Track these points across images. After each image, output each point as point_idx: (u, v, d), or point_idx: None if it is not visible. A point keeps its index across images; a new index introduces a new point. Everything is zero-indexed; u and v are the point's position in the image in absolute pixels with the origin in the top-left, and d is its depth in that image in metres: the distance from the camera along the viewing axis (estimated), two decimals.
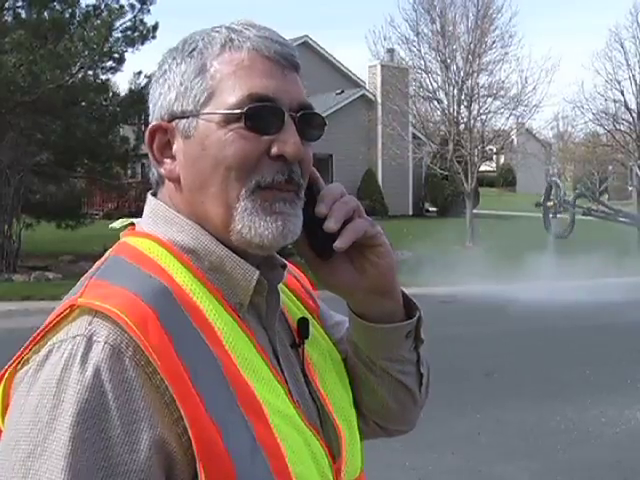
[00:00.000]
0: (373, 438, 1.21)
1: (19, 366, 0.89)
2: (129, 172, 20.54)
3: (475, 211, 25.14)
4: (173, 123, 0.98)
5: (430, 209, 32.77)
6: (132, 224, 1.04)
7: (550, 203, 18.38)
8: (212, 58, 0.97)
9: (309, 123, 0.98)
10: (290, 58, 0.98)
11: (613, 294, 13.27)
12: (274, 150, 0.95)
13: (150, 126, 1.00)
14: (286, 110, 0.96)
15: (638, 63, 30.13)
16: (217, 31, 0.99)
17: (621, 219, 20.58)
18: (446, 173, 25.84)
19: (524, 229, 20.79)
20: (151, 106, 1.02)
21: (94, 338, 0.84)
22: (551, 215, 18.60)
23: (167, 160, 0.99)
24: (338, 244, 0.99)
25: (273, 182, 0.95)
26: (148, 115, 1.03)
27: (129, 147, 17.57)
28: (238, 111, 0.94)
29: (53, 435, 0.81)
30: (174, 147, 0.99)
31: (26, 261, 16.63)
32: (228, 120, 0.94)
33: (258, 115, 0.94)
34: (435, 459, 5.44)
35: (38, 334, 0.89)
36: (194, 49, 0.98)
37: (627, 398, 7.02)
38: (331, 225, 0.99)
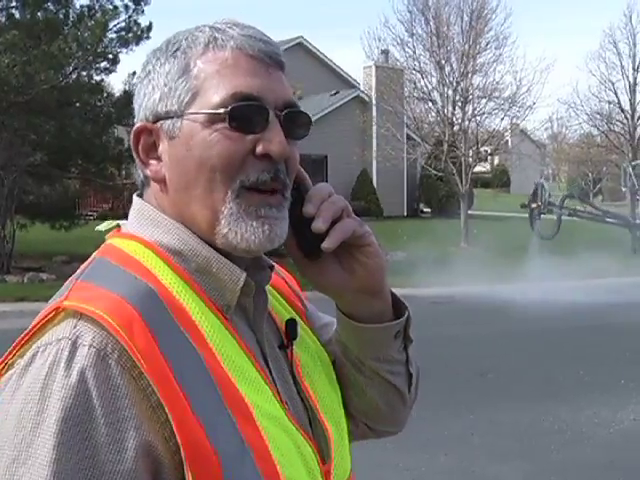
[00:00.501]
0: (362, 439, 1.20)
1: (3, 370, 0.88)
2: (123, 173, 20.50)
3: (470, 212, 25.17)
4: (158, 124, 0.98)
5: (425, 210, 32.81)
6: (118, 226, 1.03)
7: (534, 205, 18.50)
8: (196, 58, 0.96)
9: (294, 121, 0.98)
10: (275, 56, 0.98)
11: (608, 294, 13.30)
12: (259, 149, 0.94)
13: (135, 127, 0.99)
14: (271, 109, 0.95)
15: (632, 64, 30.28)
16: (201, 30, 0.98)
17: (609, 220, 20.63)
18: (441, 174, 25.86)
19: (518, 230, 20.81)
20: (136, 107, 1.01)
21: (79, 341, 0.84)
22: (535, 216, 18.71)
23: (152, 161, 0.99)
24: (326, 244, 0.99)
25: (257, 181, 0.94)
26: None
27: (123, 148, 17.52)
28: (222, 110, 0.93)
29: (38, 441, 0.80)
30: (159, 148, 0.98)
31: (20, 262, 16.59)
32: (212, 120, 0.94)
33: (242, 114, 0.93)
34: (428, 459, 5.43)
35: (23, 338, 0.88)
36: (178, 49, 0.98)
37: (621, 398, 7.03)
38: (319, 225, 0.98)
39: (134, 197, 1.03)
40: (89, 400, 0.81)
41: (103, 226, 1.04)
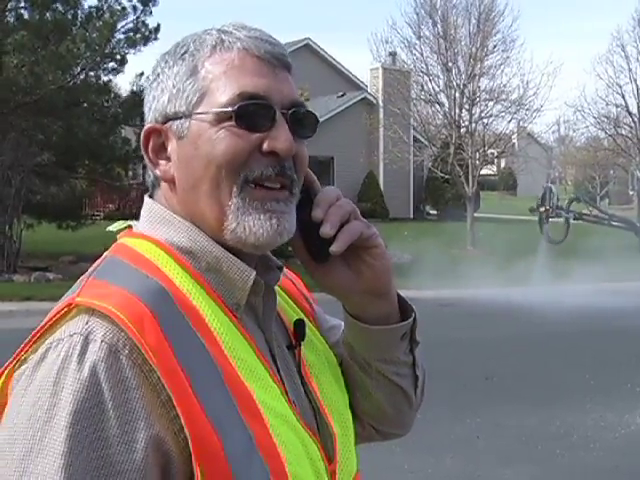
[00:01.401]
0: (369, 441, 1.21)
1: (17, 365, 0.89)
2: (130, 173, 20.56)
3: (476, 215, 25.16)
4: (167, 125, 0.99)
5: (431, 212, 32.78)
6: (130, 226, 1.04)
7: (542, 209, 18.53)
8: (203, 59, 0.98)
9: (301, 120, 0.99)
10: (281, 57, 0.99)
11: (614, 298, 13.27)
12: (265, 146, 0.95)
13: (145, 129, 1.01)
14: (277, 108, 0.96)
15: None
16: (208, 33, 1.00)
17: (614, 223, 20.59)
18: (447, 176, 25.87)
19: (525, 233, 20.81)
20: (146, 110, 1.03)
21: (91, 337, 0.85)
22: (543, 220, 18.74)
23: (162, 161, 1.00)
24: (334, 248, 0.99)
25: (262, 176, 0.95)
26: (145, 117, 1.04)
27: (130, 148, 17.59)
28: (229, 109, 0.95)
29: (50, 434, 0.81)
30: (169, 148, 0.99)
31: (27, 262, 16.65)
32: (220, 119, 0.95)
33: (249, 113, 0.95)
34: (434, 463, 5.43)
35: (36, 333, 0.89)
36: (186, 52, 0.99)
37: (627, 403, 7.02)
38: (327, 230, 0.99)
39: (145, 197, 1.04)
40: (100, 394, 0.82)
41: (114, 226, 1.05)
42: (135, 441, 0.82)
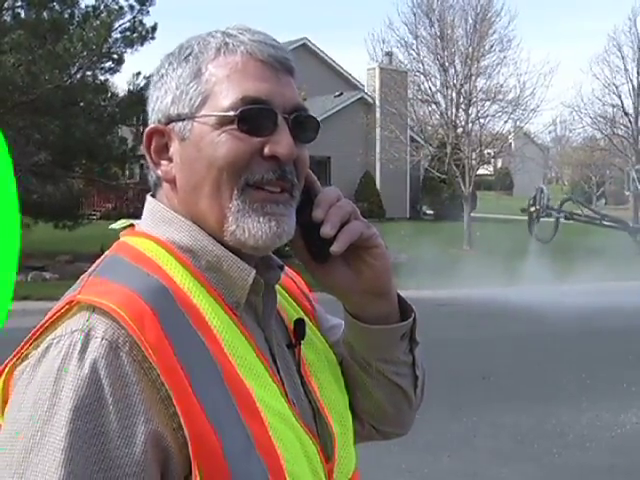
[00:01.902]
0: (369, 440, 1.22)
1: (18, 361, 0.90)
2: (127, 173, 20.53)
3: (472, 214, 25.18)
4: (170, 126, 1.00)
5: (427, 212, 32.80)
6: (132, 225, 1.05)
7: (532, 209, 18.65)
8: (207, 62, 0.99)
9: (303, 125, 1.00)
10: (284, 61, 1.00)
11: (610, 298, 13.28)
12: (267, 150, 0.96)
13: (147, 129, 1.02)
14: (279, 112, 0.97)
15: (636, 68, 30.30)
16: (212, 36, 1.01)
17: (607, 223, 20.68)
18: (444, 176, 25.88)
19: (521, 233, 20.82)
20: (149, 110, 1.04)
21: (92, 334, 0.86)
22: (534, 220, 18.85)
23: (164, 162, 1.01)
24: (334, 248, 1.00)
25: (263, 180, 0.96)
26: (147, 117, 1.05)
27: (127, 148, 17.58)
28: (232, 113, 0.95)
29: (50, 430, 0.82)
30: (171, 149, 1.00)
31: (23, 261, 16.55)
32: (222, 122, 0.96)
33: (251, 117, 0.96)
34: (431, 461, 5.44)
35: (37, 330, 0.90)
36: (190, 54, 1.00)
37: (623, 402, 7.03)
38: (327, 230, 1.00)
39: (147, 196, 1.05)
40: (101, 390, 0.83)
41: (117, 224, 1.06)
42: (134, 436, 0.83)
